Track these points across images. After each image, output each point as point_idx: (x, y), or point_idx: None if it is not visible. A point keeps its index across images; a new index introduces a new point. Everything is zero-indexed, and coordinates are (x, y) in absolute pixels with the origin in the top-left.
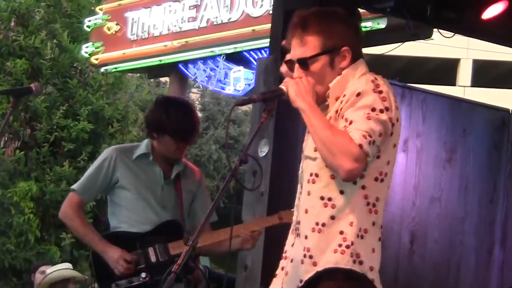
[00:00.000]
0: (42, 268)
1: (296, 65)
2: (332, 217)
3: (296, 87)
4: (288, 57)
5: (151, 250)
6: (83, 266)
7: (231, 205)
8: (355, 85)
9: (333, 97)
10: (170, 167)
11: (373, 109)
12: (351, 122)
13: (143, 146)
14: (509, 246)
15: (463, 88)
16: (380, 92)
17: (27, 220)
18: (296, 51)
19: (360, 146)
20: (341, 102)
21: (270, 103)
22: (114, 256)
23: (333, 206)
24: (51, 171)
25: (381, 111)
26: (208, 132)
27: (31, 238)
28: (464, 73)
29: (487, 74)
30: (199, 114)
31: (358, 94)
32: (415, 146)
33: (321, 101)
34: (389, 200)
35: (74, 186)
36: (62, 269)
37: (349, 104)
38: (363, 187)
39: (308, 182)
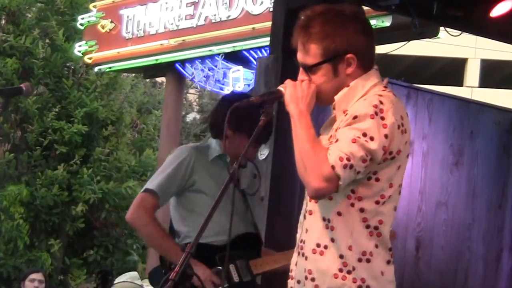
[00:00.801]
0: (32, 276)
1: (301, 69)
2: (332, 240)
3: (292, 91)
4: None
5: (232, 268)
6: (75, 274)
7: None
8: (358, 105)
9: (340, 109)
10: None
11: (364, 134)
12: (337, 140)
13: (216, 147)
14: None
15: (471, 88)
16: (382, 118)
17: (16, 225)
18: (300, 55)
19: (333, 167)
20: (341, 120)
21: (269, 105)
22: (203, 274)
23: (332, 228)
24: (42, 174)
25: (372, 138)
26: (207, 135)
27: (20, 244)
28: (472, 73)
29: (496, 74)
30: (197, 116)
31: (355, 117)
32: (421, 149)
33: (326, 105)
34: None
35: (150, 186)
36: (124, 281)
37: (345, 124)
38: (362, 210)
39: (310, 200)
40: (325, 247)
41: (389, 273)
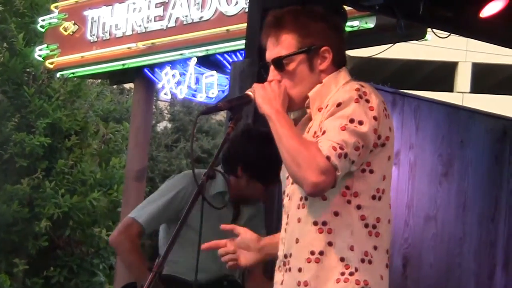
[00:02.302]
0: None
1: (271, 67)
2: (330, 243)
3: (262, 92)
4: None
5: None
6: None
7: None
8: (338, 94)
9: (314, 107)
10: (238, 207)
11: (351, 120)
12: (324, 132)
13: (220, 182)
14: None
15: (462, 94)
16: (367, 101)
17: None
18: (271, 51)
19: (328, 158)
20: (323, 114)
21: (237, 111)
22: None
23: (329, 231)
24: (1, 190)
25: (360, 122)
26: (179, 145)
27: None
28: (463, 78)
29: (488, 79)
30: (168, 125)
31: (339, 104)
32: (408, 159)
33: (299, 107)
34: None
35: (136, 216)
36: None
37: (329, 114)
38: (359, 207)
39: (298, 208)
40: (321, 253)
41: (386, 279)
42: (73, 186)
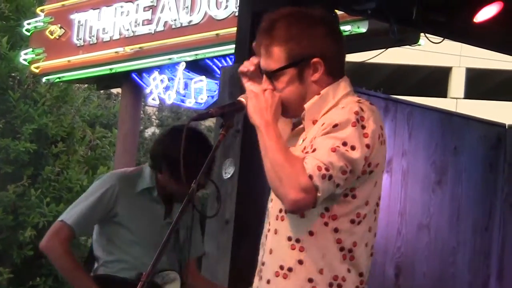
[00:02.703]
0: None
1: (264, 76)
2: (300, 262)
3: (255, 101)
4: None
5: None
6: None
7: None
8: (336, 113)
9: (309, 119)
10: (171, 204)
11: (344, 143)
12: (314, 150)
13: (146, 178)
14: (507, 279)
15: (455, 100)
16: (363, 127)
17: None
18: (263, 60)
19: (310, 176)
20: (318, 128)
21: (229, 118)
22: None
23: (301, 249)
24: None
25: (353, 148)
26: None
27: None
28: (456, 84)
29: (482, 84)
30: (156, 130)
31: (335, 125)
32: (400, 167)
33: (293, 116)
34: None
35: (65, 218)
36: None
37: (324, 133)
38: (336, 230)
39: (277, 219)
40: (289, 269)
41: None
42: (59, 193)
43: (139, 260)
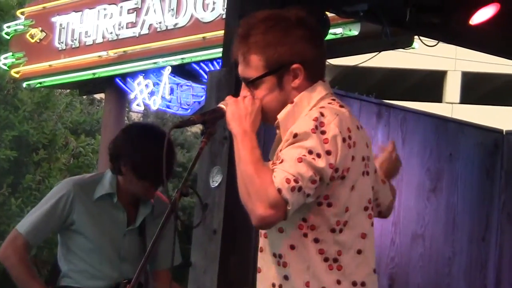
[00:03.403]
0: None
1: (243, 83)
2: (286, 277)
3: (234, 108)
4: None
5: None
6: None
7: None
8: (299, 122)
9: (285, 129)
10: (136, 208)
11: (310, 152)
12: (281, 161)
13: (106, 184)
14: None
15: (451, 105)
16: (323, 132)
17: None
18: (241, 68)
19: (279, 190)
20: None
21: (211, 125)
22: None
23: (284, 264)
24: None
25: (318, 155)
26: None
27: None
28: (452, 88)
29: (478, 89)
30: None
31: (295, 136)
32: None
33: (273, 123)
34: None
35: (19, 227)
36: None
37: (287, 144)
38: (316, 241)
39: (261, 236)
40: (280, 286)
41: None
42: None
43: (98, 268)
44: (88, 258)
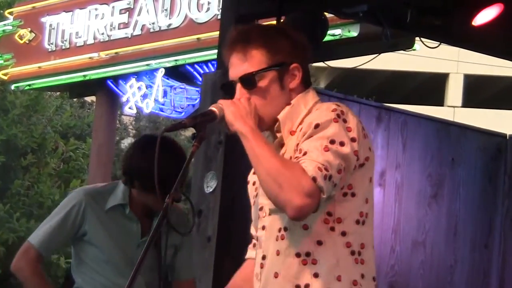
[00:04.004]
0: None
1: (238, 85)
2: (316, 275)
3: (233, 108)
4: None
5: None
6: None
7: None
8: (313, 115)
9: (286, 130)
10: (151, 219)
11: (332, 141)
12: (305, 153)
13: (118, 194)
14: None
15: (453, 109)
16: (345, 121)
17: None
18: (238, 68)
19: (314, 179)
20: (297, 137)
21: (202, 128)
22: None
23: (314, 262)
24: None
25: (342, 143)
26: None
27: None
28: (454, 91)
29: (481, 92)
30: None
31: (317, 126)
32: (394, 180)
33: (267, 127)
34: None
35: (31, 238)
36: None
37: (306, 136)
38: (344, 234)
39: (276, 239)
40: (307, 286)
41: None
42: (30, 209)
43: (112, 280)
44: (101, 270)
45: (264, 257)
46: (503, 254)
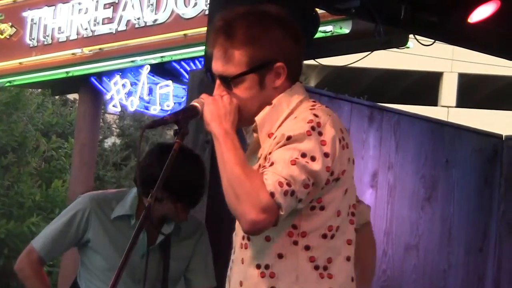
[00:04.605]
0: None
1: (218, 82)
2: None
3: (213, 107)
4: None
5: None
6: None
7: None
8: (289, 125)
9: (264, 132)
10: (158, 230)
11: (304, 155)
12: (272, 164)
13: (126, 204)
14: None
15: (447, 108)
16: (320, 133)
17: None
18: (218, 64)
19: (272, 194)
20: (271, 145)
21: (184, 124)
22: None
23: (272, 275)
24: None
25: (313, 158)
26: (129, 163)
27: None
28: (448, 90)
29: (476, 91)
30: (117, 141)
31: (289, 138)
32: (386, 181)
33: (247, 125)
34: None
35: (34, 242)
36: None
37: (278, 146)
38: (307, 248)
39: (241, 247)
40: None
41: None
42: (10, 209)
43: None
44: (104, 278)
45: (233, 261)
46: (499, 258)
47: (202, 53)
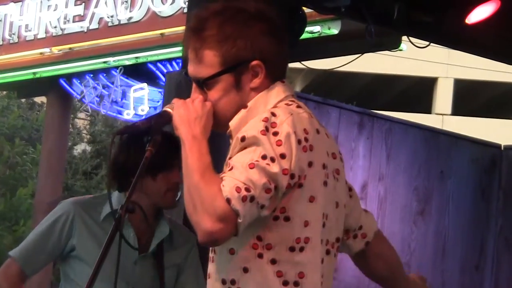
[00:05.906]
0: None
1: (194, 84)
2: None
3: (182, 111)
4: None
5: None
6: None
7: None
8: (248, 125)
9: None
10: (150, 231)
11: (264, 157)
12: (231, 169)
13: (113, 201)
14: None
15: (442, 116)
16: (275, 134)
17: None
18: (192, 66)
19: (228, 200)
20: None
21: (157, 131)
22: None
23: None
24: None
25: (272, 159)
26: (99, 172)
27: None
28: (443, 97)
29: (473, 98)
30: (88, 148)
31: (243, 139)
32: (377, 193)
33: (225, 129)
34: (338, 266)
35: (12, 253)
36: None
37: (237, 150)
38: (273, 262)
39: (209, 260)
40: None
41: None
42: None
43: None
44: None
45: (207, 275)
46: (496, 276)
47: (180, 54)
